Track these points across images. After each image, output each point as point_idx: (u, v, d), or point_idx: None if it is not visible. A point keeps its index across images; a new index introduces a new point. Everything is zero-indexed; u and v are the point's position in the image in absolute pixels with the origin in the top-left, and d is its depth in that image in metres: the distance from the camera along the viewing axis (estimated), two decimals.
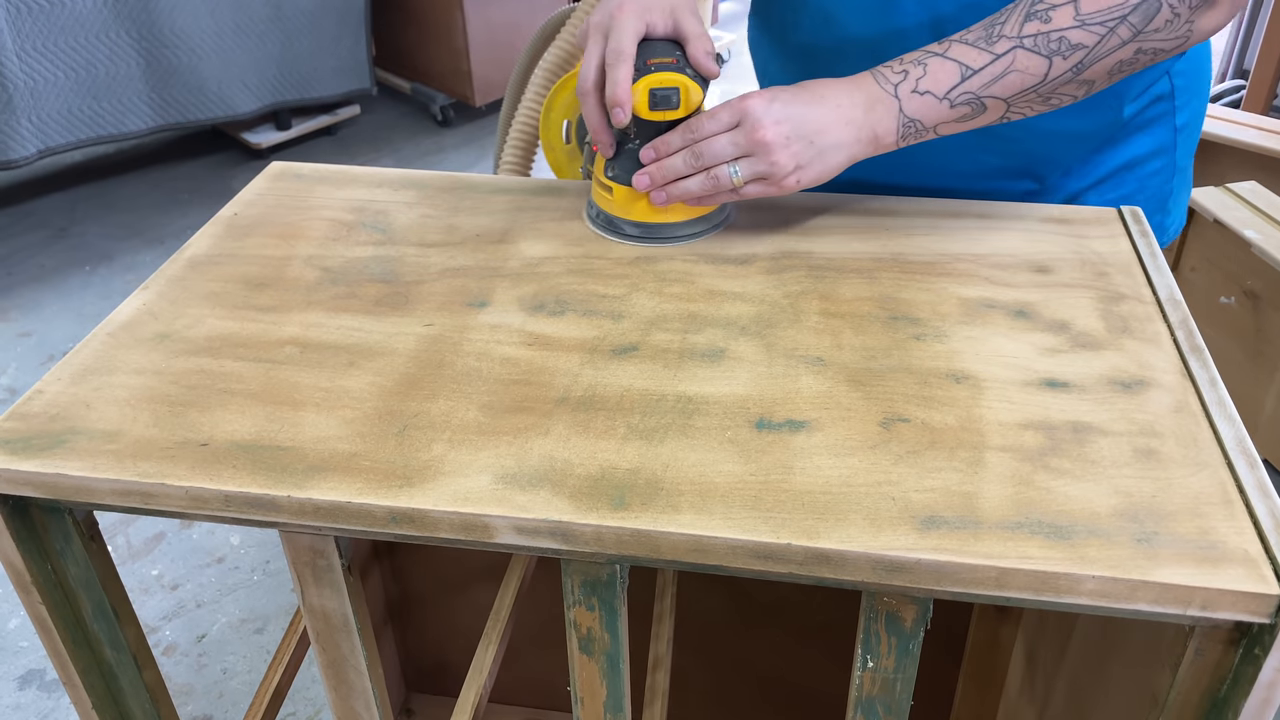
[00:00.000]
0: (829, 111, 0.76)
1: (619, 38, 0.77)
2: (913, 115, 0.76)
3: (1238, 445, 0.61)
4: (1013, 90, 0.75)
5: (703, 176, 0.78)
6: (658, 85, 0.77)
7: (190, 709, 1.53)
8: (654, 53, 0.78)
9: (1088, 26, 0.73)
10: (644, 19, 0.78)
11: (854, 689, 0.63)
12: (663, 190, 0.80)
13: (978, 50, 0.75)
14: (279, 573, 1.77)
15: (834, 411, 0.65)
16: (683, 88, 0.77)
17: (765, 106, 0.76)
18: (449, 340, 0.73)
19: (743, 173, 0.77)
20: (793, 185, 0.78)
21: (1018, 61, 0.74)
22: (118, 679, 0.75)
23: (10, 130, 2.50)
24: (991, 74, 0.75)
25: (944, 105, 0.76)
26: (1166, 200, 0.96)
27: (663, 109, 0.78)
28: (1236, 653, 0.55)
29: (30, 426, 0.65)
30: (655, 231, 0.84)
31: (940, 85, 0.75)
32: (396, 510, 0.59)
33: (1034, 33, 0.74)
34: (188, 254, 0.84)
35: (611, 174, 0.83)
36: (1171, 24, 0.73)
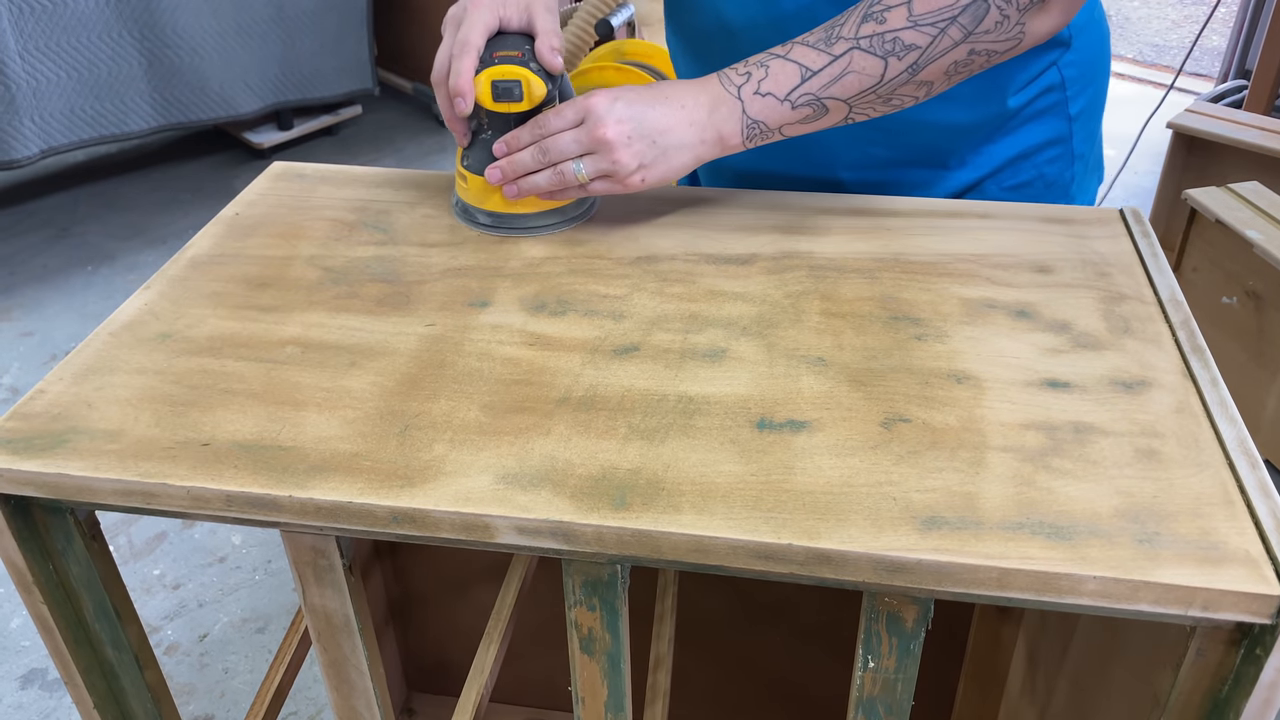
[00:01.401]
0: (673, 112, 0.78)
1: (467, 30, 0.79)
2: (756, 116, 0.78)
3: (1239, 446, 0.61)
4: (852, 91, 0.77)
5: (550, 172, 0.80)
6: (500, 77, 0.78)
7: (192, 708, 1.53)
8: (502, 46, 0.80)
9: (920, 27, 0.74)
10: (497, 13, 0.80)
11: (855, 689, 0.63)
12: (514, 184, 0.82)
13: (817, 52, 0.77)
14: (280, 572, 1.77)
15: (835, 412, 0.65)
16: (525, 80, 0.79)
17: (608, 105, 0.78)
18: (450, 340, 0.73)
19: (587, 169, 0.79)
20: (637, 184, 0.80)
21: (854, 63, 0.76)
22: (119, 678, 0.75)
23: (13, 130, 2.50)
24: (830, 75, 0.76)
25: (785, 106, 0.77)
26: (1069, 187, 0.97)
27: (505, 101, 0.79)
28: (1238, 653, 0.55)
29: (32, 426, 0.65)
30: (507, 222, 0.85)
31: (781, 87, 0.77)
32: (398, 510, 0.59)
33: (870, 34, 0.75)
34: (189, 254, 0.84)
35: (466, 163, 0.85)
36: (1001, 25, 0.75)
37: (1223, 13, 3.57)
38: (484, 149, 0.83)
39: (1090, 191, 1.01)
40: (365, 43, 3.09)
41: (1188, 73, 3.66)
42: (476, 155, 0.84)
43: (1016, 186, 0.95)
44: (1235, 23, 3.11)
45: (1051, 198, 0.95)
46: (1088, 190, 1.00)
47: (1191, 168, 2.21)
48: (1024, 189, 0.95)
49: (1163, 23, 4.48)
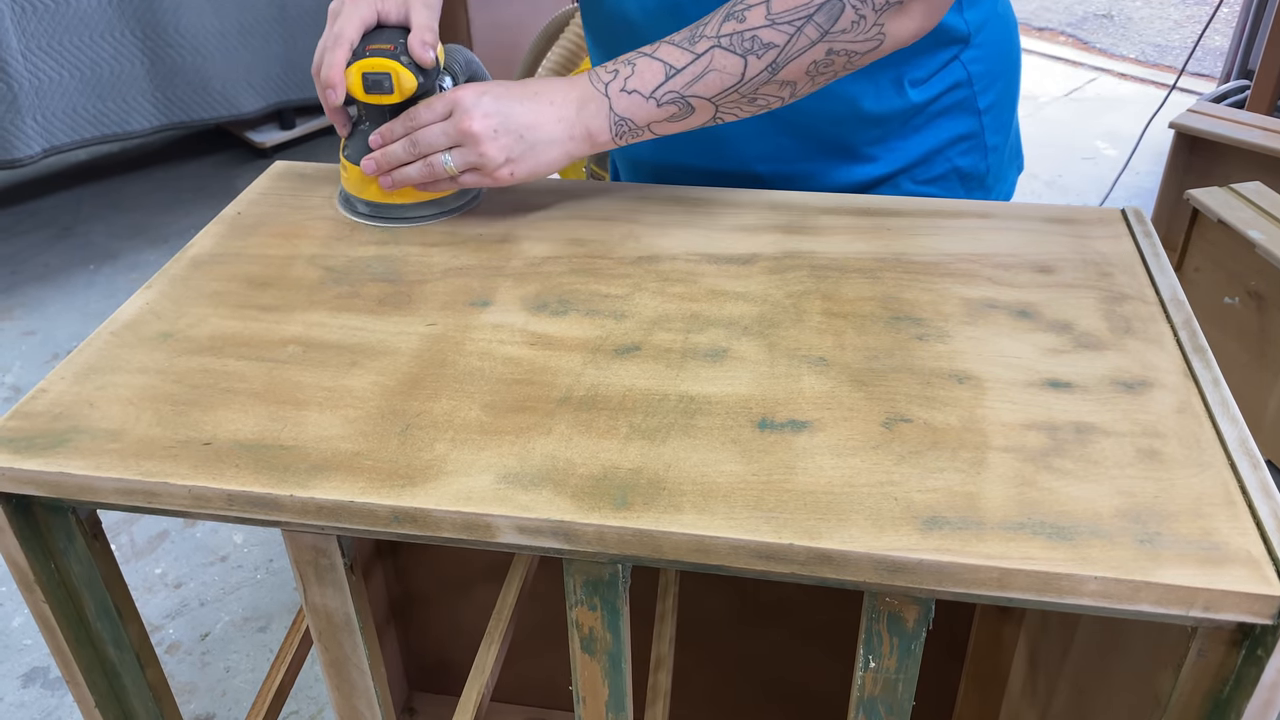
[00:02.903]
0: (541, 108, 0.79)
1: (343, 23, 0.81)
2: (623, 114, 0.79)
3: (1241, 446, 0.61)
4: (714, 90, 0.78)
5: (421, 164, 0.81)
6: (370, 70, 0.80)
7: (193, 707, 1.53)
8: (376, 39, 0.82)
9: (777, 25, 0.75)
10: (375, 7, 0.82)
11: (856, 689, 0.63)
12: (388, 175, 0.83)
13: (681, 50, 0.77)
14: (282, 571, 1.77)
15: (836, 411, 0.65)
16: (394, 73, 0.80)
17: (475, 99, 0.79)
18: (451, 340, 0.73)
19: (455, 162, 0.80)
20: (506, 177, 0.81)
21: (715, 61, 0.76)
22: (121, 677, 0.75)
23: (15, 129, 2.50)
24: (693, 73, 0.77)
25: (651, 104, 0.78)
26: (985, 178, 0.99)
27: (376, 93, 0.81)
28: (1239, 654, 0.55)
29: (34, 425, 0.65)
30: (384, 212, 0.87)
31: (647, 84, 0.78)
32: (399, 510, 0.59)
33: (730, 32, 0.76)
34: (191, 253, 0.84)
35: (346, 153, 0.86)
36: (858, 25, 0.75)
37: (1225, 13, 3.57)
38: (362, 139, 0.84)
39: (1009, 182, 1.03)
40: None
41: (1190, 73, 3.66)
42: (355, 145, 0.85)
43: (931, 180, 0.96)
44: (1237, 23, 3.10)
45: (967, 191, 0.97)
46: (1006, 180, 1.02)
47: (1194, 168, 2.21)
48: (939, 182, 0.96)
49: (1165, 23, 4.48)
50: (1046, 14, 4.52)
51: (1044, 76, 3.85)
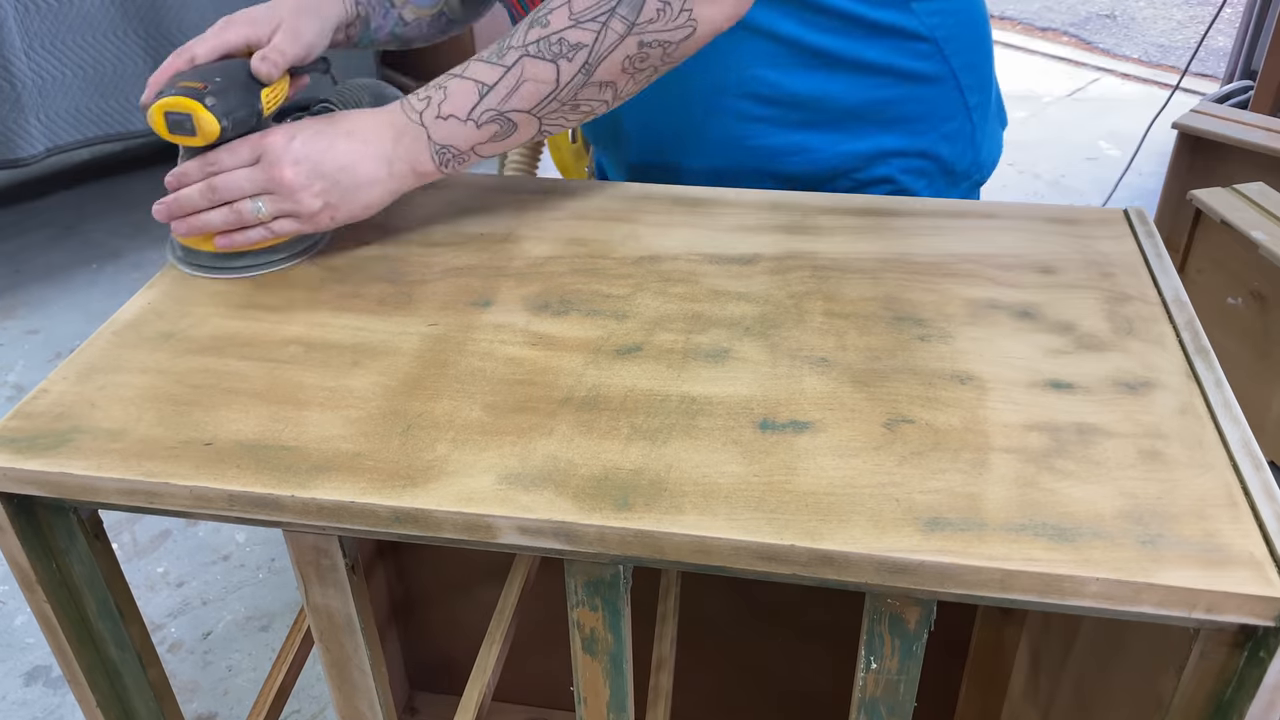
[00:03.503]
0: (356, 147, 0.76)
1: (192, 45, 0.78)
2: (443, 141, 0.76)
3: (1243, 447, 0.61)
4: (533, 101, 0.75)
5: (225, 210, 0.76)
6: (170, 109, 0.75)
7: (195, 706, 1.53)
8: (200, 74, 0.77)
9: (582, 25, 0.73)
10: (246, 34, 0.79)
11: (857, 690, 0.62)
12: (183, 222, 0.78)
13: (490, 66, 0.75)
14: (284, 570, 1.77)
15: (838, 412, 0.65)
16: (195, 115, 0.74)
17: (285, 145, 0.75)
18: (453, 340, 0.73)
19: (268, 209, 0.76)
20: (326, 222, 0.78)
21: (527, 70, 0.74)
22: (122, 676, 0.75)
23: (18, 128, 2.50)
24: (506, 87, 0.74)
25: (470, 126, 0.75)
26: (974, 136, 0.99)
27: (179, 134, 0.76)
28: (1241, 656, 0.55)
29: (35, 425, 0.65)
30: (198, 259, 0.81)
31: (461, 107, 0.75)
32: (400, 510, 0.59)
33: (536, 39, 0.74)
34: None
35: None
36: (665, 13, 0.73)
37: (1228, 13, 3.56)
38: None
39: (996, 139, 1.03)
40: None
41: (1193, 73, 3.65)
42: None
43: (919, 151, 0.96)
44: (1241, 23, 3.10)
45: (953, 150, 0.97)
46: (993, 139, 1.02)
47: (1197, 168, 2.21)
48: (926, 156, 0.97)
49: (1168, 23, 4.47)
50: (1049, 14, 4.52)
51: (1047, 77, 3.84)
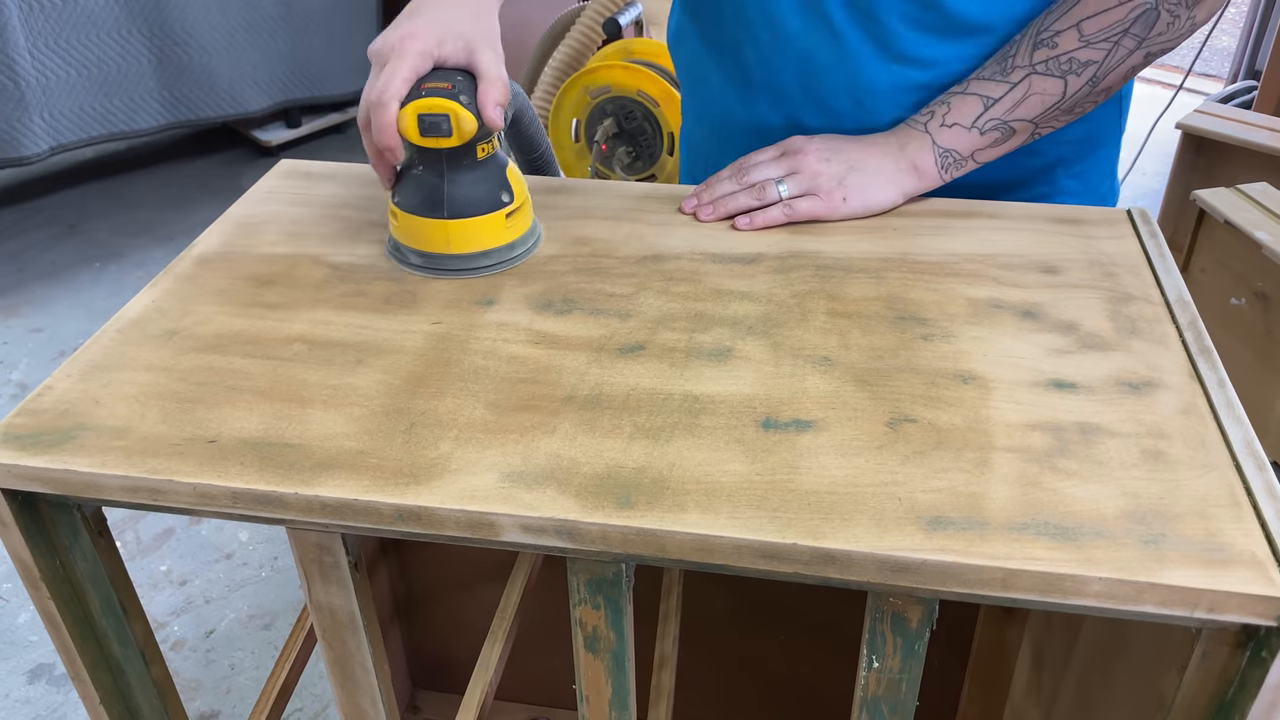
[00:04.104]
0: (866, 146, 0.83)
1: (390, 76, 0.73)
2: (947, 146, 0.83)
3: (1246, 447, 0.61)
4: (1036, 111, 0.81)
5: (750, 191, 0.82)
6: (426, 110, 0.73)
7: (198, 704, 1.54)
8: (435, 78, 0.75)
9: (1093, 45, 0.78)
10: (431, 55, 0.74)
11: (859, 689, 0.63)
12: (712, 205, 0.82)
13: (994, 83, 0.81)
14: (287, 569, 1.77)
15: (841, 411, 0.65)
16: (453, 114, 0.73)
17: (806, 139, 0.82)
18: (456, 338, 0.73)
19: (790, 189, 0.81)
20: (839, 203, 0.82)
21: (1035, 86, 0.80)
22: (125, 674, 0.75)
23: (22, 127, 2.51)
24: (1013, 100, 0.81)
25: (974, 133, 0.82)
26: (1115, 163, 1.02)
27: (433, 135, 0.74)
28: (1243, 656, 0.55)
29: (40, 422, 0.66)
30: (437, 262, 0.80)
31: (966, 117, 0.82)
32: (403, 508, 0.59)
33: (1045, 59, 0.79)
34: (197, 251, 0.85)
35: (397, 200, 0.80)
36: (1173, 26, 0.78)
37: (1232, 13, 3.55)
38: (415, 185, 0.79)
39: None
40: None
41: (1197, 73, 3.64)
42: (408, 192, 0.79)
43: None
44: (1245, 23, 3.10)
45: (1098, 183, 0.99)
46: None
47: (1200, 168, 2.20)
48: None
49: None
50: None
51: None
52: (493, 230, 0.79)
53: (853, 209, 0.83)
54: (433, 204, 0.78)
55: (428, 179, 0.78)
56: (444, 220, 0.78)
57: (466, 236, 0.79)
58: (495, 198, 0.79)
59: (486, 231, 0.79)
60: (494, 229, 0.79)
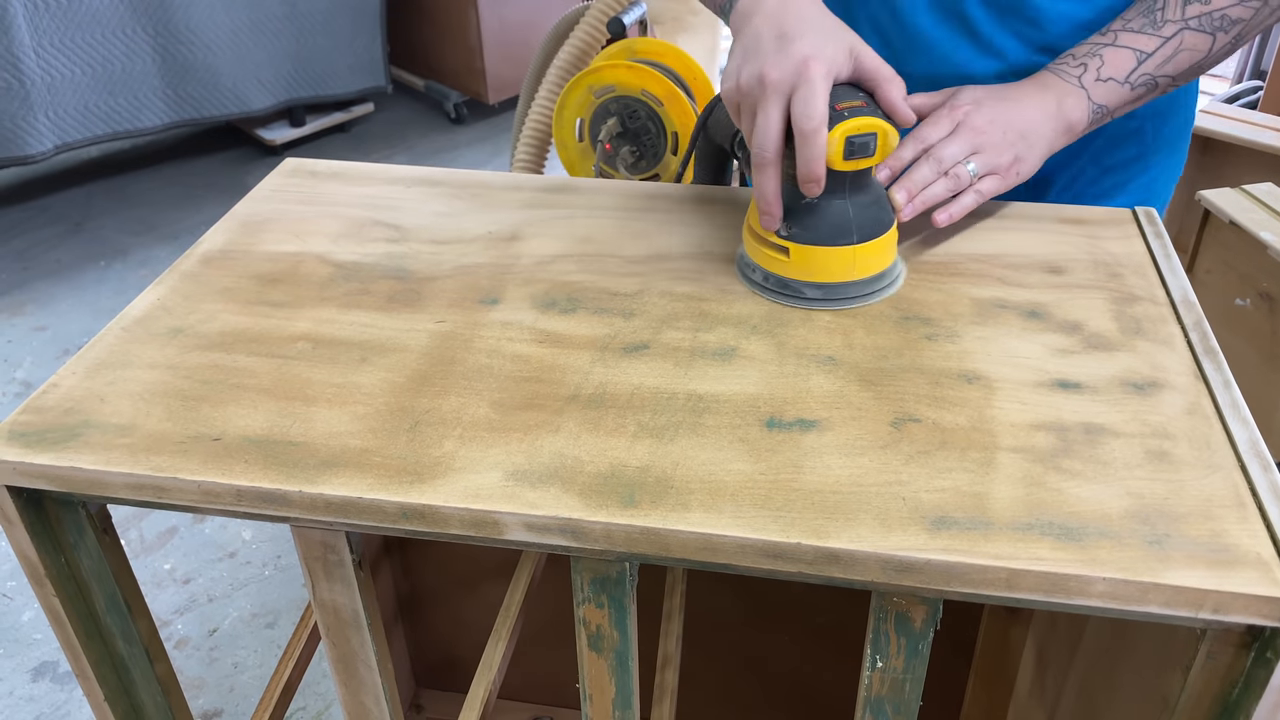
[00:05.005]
0: (1029, 110, 0.80)
1: (812, 102, 0.67)
2: (1100, 101, 0.81)
3: (1251, 448, 0.61)
4: (1183, 67, 0.81)
5: (946, 179, 0.78)
6: (855, 132, 0.69)
7: (201, 702, 1.54)
8: (838, 96, 0.70)
9: (1245, 3, 0.78)
10: (833, 73, 0.70)
11: (863, 689, 0.62)
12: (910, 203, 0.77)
13: (1146, 36, 0.80)
14: (290, 567, 1.78)
15: (845, 411, 0.65)
16: (880, 132, 0.70)
17: (977, 109, 0.79)
18: (461, 337, 0.73)
19: (977, 168, 0.78)
20: (1013, 178, 0.80)
21: (1186, 41, 0.79)
22: (130, 672, 0.75)
23: (27, 126, 2.51)
24: (1164, 55, 0.80)
25: (1125, 88, 0.81)
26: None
27: (859, 157, 0.70)
28: (1248, 656, 0.55)
29: (45, 420, 0.66)
30: (839, 292, 0.75)
31: (1120, 70, 0.80)
32: (407, 506, 0.59)
33: (1197, 14, 0.79)
34: (201, 249, 0.85)
35: (788, 233, 0.74)
36: None
37: None
38: (812, 214, 0.73)
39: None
40: (378, 40, 3.10)
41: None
42: (803, 222, 0.73)
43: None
44: None
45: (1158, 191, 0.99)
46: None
47: (1205, 169, 2.20)
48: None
49: None
50: None
51: None
52: (888, 249, 0.76)
53: (1024, 176, 0.80)
54: (839, 231, 0.73)
55: (829, 205, 0.73)
56: (852, 246, 0.73)
57: (870, 260, 0.74)
58: (889, 213, 0.75)
59: (886, 251, 0.75)
60: (889, 247, 0.76)
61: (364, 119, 3.35)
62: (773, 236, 0.75)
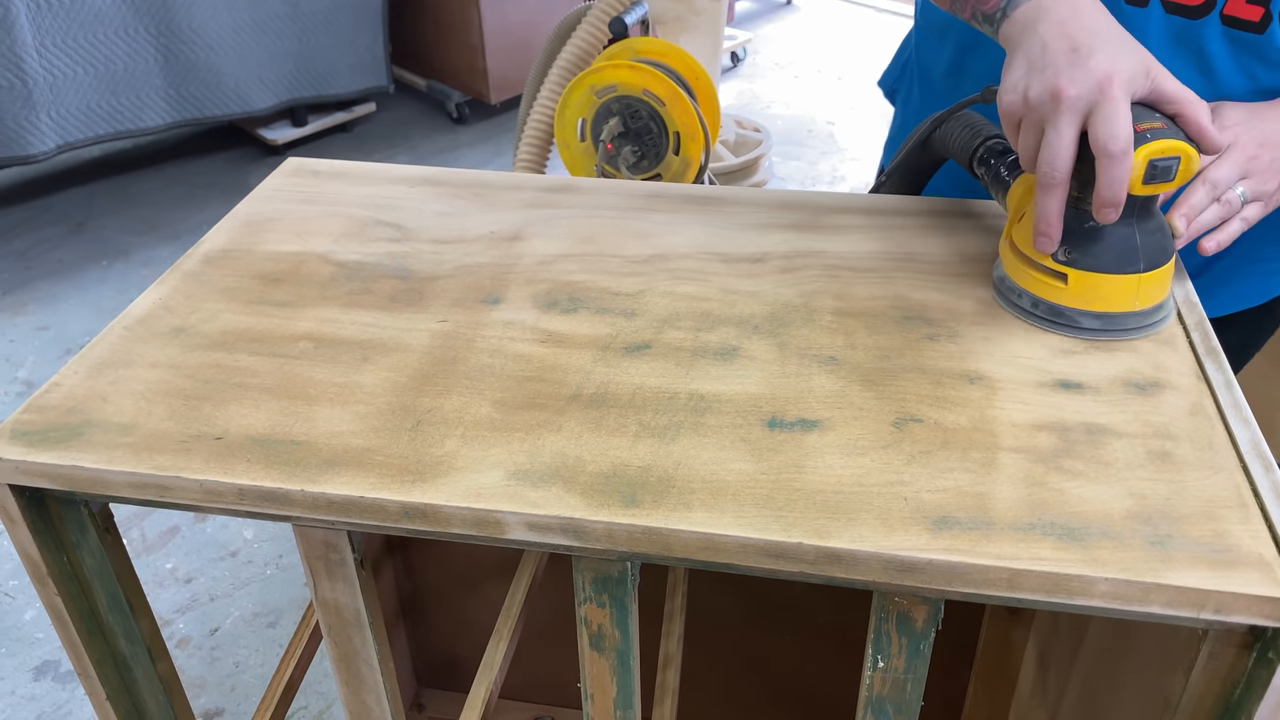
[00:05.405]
0: None
1: (1117, 121, 0.63)
2: None
3: (1253, 448, 0.61)
4: None
5: (1218, 205, 0.73)
6: (1158, 155, 0.65)
7: (203, 701, 1.54)
8: (1137, 116, 0.66)
9: None
10: (1132, 91, 0.66)
11: (864, 689, 0.62)
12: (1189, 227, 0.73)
13: None
14: (292, 567, 1.78)
15: (846, 411, 0.65)
16: (1184, 156, 0.66)
17: (1246, 130, 0.74)
18: (463, 337, 0.73)
19: (1246, 193, 0.74)
20: (1274, 204, 0.76)
21: None
22: (132, 671, 0.75)
23: (30, 125, 2.51)
24: None
25: None
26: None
27: (1160, 182, 0.66)
28: (1250, 657, 0.55)
29: (47, 419, 0.66)
30: (1118, 323, 0.71)
31: None
32: (409, 505, 0.59)
33: None
34: (203, 249, 0.85)
35: (1067, 258, 0.70)
36: None
37: None
38: (1095, 239, 0.70)
39: None
40: (380, 40, 3.10)
41: None
42: (1084, 248, 0.70)
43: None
44: None
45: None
46: None
47: None
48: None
49: None
50: None
51: None
52: (1169, 278, 0.72)
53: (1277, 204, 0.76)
54: (1126, 258, 0.70)
55: (1115, 230, 0.69)
56: (1138, 275, 0.70)
57: (1153, 290, 0.71)
58: (1170, 240, 0.72)
59: (1167, 280, 0.72)
60: (1169, 276, 0.72)
61: (366, 119, 3.35)
62: (1047, 260, 0.71)
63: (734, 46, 3.75)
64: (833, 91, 3.65)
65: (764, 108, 3.54)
